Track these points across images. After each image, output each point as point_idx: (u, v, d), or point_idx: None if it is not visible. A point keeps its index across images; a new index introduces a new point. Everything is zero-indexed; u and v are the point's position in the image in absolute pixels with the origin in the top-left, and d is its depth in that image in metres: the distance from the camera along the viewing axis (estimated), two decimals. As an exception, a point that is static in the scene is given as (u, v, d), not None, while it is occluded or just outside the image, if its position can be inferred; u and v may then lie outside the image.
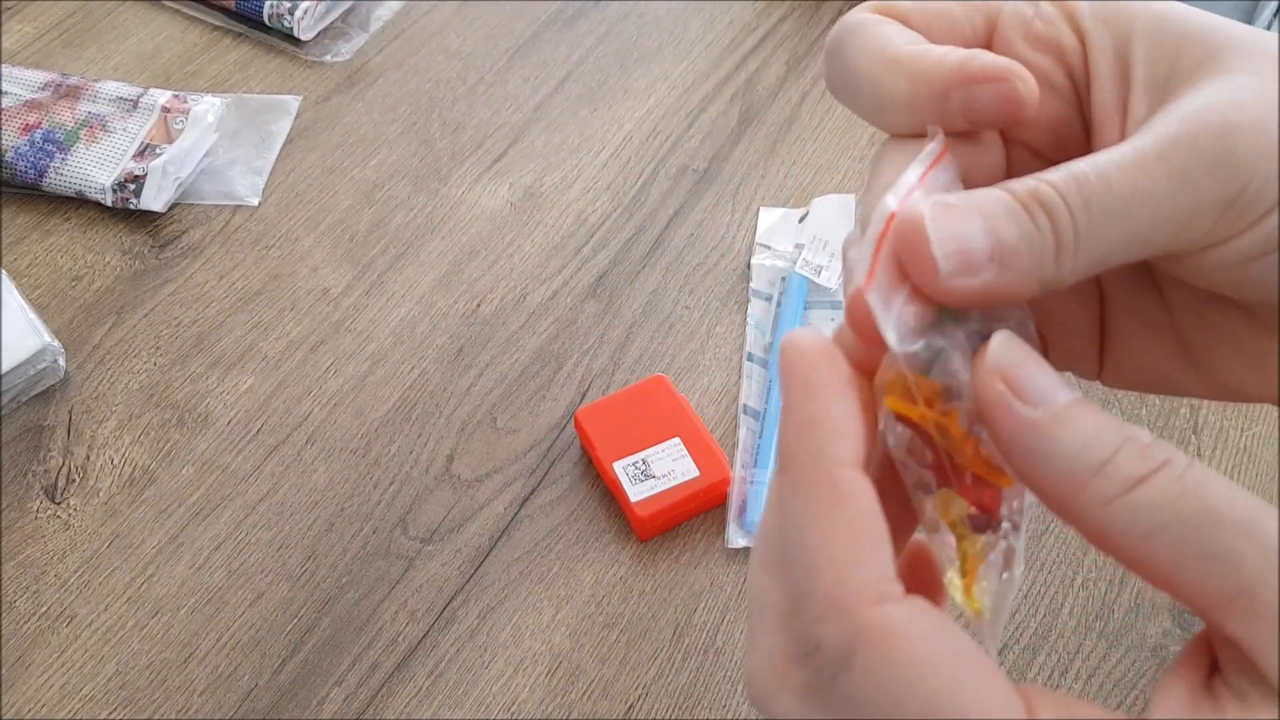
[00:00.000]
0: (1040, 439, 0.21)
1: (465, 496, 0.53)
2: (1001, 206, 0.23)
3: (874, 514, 0.22)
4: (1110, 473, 0.21)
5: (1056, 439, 0.21)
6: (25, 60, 0.71)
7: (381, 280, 0.61)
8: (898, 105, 0.25)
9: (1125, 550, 0.21)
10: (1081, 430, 0.21)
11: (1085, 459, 0.21)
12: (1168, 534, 0.20)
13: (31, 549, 0.51)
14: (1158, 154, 0.23)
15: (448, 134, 0.68)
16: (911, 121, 0.25)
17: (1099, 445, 0.21)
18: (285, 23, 0.71)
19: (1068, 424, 0.21)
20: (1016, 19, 0.26)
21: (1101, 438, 0.21)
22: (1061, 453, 0.21)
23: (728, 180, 0.66)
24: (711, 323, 0.59)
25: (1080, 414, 0.22)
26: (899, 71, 0.25)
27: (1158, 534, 0.20)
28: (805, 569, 0.22)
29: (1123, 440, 0.21)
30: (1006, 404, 0.22)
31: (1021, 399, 0.22)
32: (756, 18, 0.74)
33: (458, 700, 0.47)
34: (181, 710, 0.47)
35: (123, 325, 0.59)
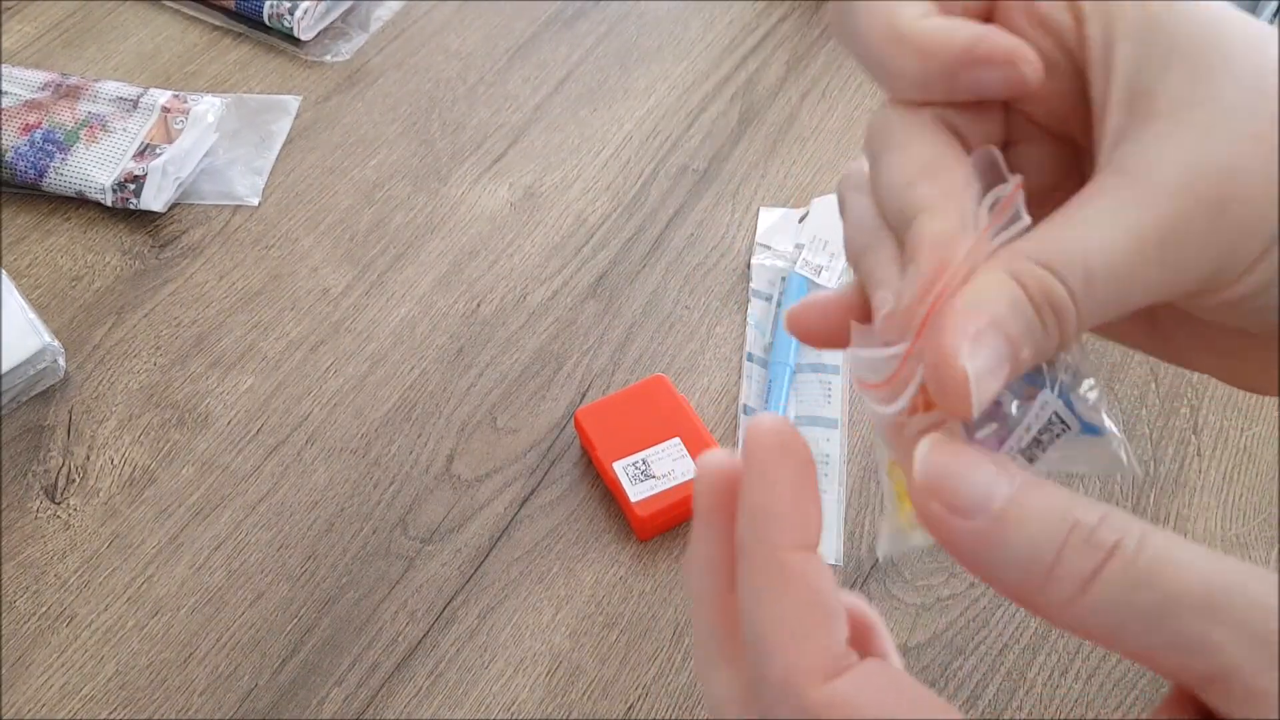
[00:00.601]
0: (986, 549, 0.21)
1: (465, 496, 0.53)
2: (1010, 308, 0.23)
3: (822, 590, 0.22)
4: (1061, 575, 0.21)
5: (1001, 546, 0.21)
6: (25, 60, 0.71)
7: (381, 280, 0.61)
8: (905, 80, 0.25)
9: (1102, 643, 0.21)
10: (1024, 531, 0.21)
11: (1034, 564, 0.21)
12: (1132, 627, 0.20)
13: (31, 549, 0.51)
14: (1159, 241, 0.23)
15: (448, 134, 0.68)
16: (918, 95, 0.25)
17: (1045, 545, 0.21)
18: (285, 23, 0.71)
19: (1009, 527, 0.21)
20: None
21: (1046, 534, 0.21)
22: (1010, 560, 0.21)
23: (728, 180, 0.66)
24: (711, 323, 0.59)
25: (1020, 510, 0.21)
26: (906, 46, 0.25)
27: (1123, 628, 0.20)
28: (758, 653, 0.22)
29: (1068, 530, 0.21)
30: (945, 522, 0.22)
31: (958, 514, 0.22)
32: (756, 18, 0.74)
33: (458, 700, 0.47)
34: (181, 710, 0.47)
35: (123, 325, 0.59)
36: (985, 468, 0.22)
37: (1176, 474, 0.54)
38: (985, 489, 0.22)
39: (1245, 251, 0.23)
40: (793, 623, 0.22)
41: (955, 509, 0.22)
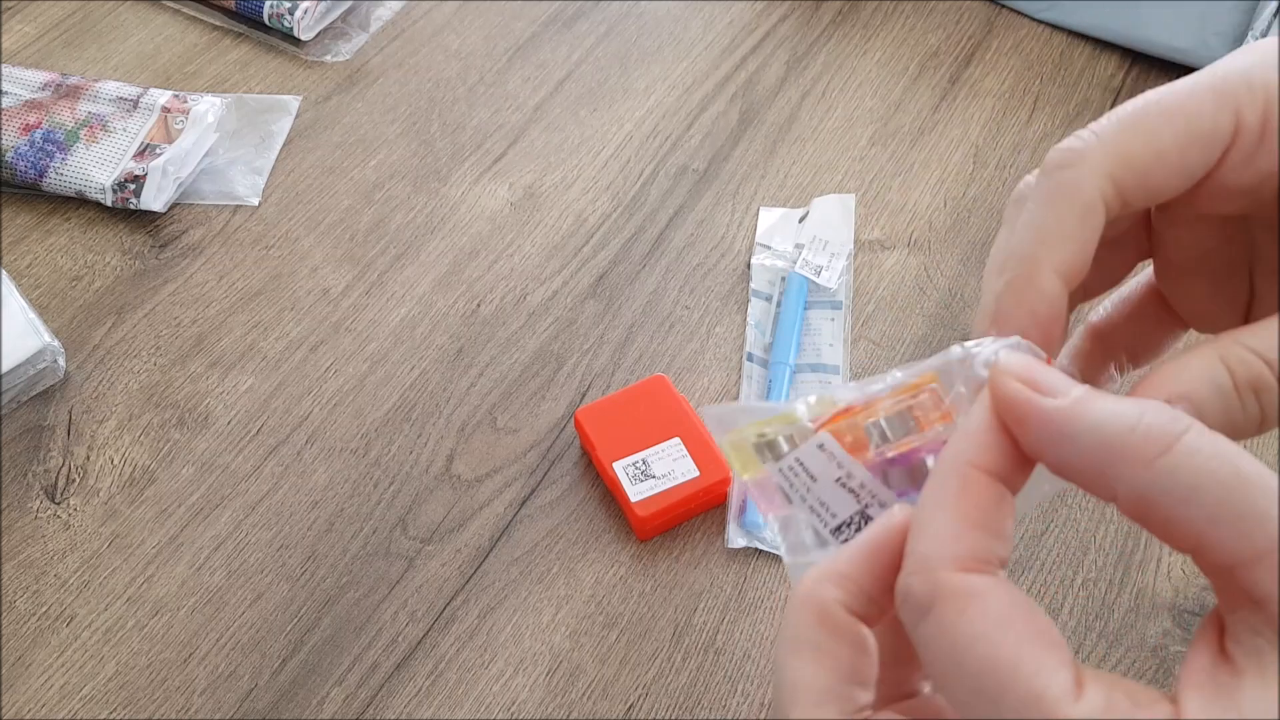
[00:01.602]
0: (1070, 421, 0.23)
1: (465, 496, 0.53)
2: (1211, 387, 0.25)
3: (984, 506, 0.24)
4: (1144, 433, 0.22)
5: (1086, 416, 0.23)
6: (25, 60, 0.71)
7: (381, 280, 0.61)
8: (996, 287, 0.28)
9: (1164, 511, 0.22)
10: (1105, 405, 0.23)
11: (1117, 425, 0.23)
12: (1206, 494, 0.22)
13: (31, 549, 0.51)
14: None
15: (448, 134, 0.68)
16: None
17: (1126, 413, 0.23)
18: (285, 23, 0.71)
19: (1091, 402, 0.23)
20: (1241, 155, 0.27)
21: (1125, 408, 0.23)
22: (1094, 427, 0.23)
23: (728, 180, 0.66)
24: (711, 323, 0.59)
25: (1098, 396, 0.23)
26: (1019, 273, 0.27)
27: (1196, 495, 0.22)
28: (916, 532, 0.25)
29: (1145, 406, 0.23)
30: (1030, 400, 0.24)
31: (1043, 393, 0.24)
32: (756, 18, 0.74)
33: (458, 700, 0.47)
34: (181, 710, 0.47)
35: (123, 325, 0.59)
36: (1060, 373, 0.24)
37: (1176, 474, 0.54)
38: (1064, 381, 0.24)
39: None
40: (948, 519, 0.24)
41: (1040, 389, 0.24)
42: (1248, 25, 0.68)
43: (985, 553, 0.24)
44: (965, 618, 0.23)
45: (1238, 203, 0.28)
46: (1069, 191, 0.26)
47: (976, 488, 0.24)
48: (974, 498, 0.24)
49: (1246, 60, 0.27)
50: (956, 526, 0.24)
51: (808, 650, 0.25)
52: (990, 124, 0.69)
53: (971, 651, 0.23)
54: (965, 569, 0.23)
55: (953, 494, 0.24)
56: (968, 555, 0.24)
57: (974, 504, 0.24)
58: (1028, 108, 0.69)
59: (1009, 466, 0.25)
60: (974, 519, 0.24)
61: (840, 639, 0.25)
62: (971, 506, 0.24)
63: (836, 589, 0.26)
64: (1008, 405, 0.24)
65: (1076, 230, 0.26)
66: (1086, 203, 0.26)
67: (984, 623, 0.23)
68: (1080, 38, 0.73)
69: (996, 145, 0.68)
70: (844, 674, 0.25)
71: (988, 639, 0.23)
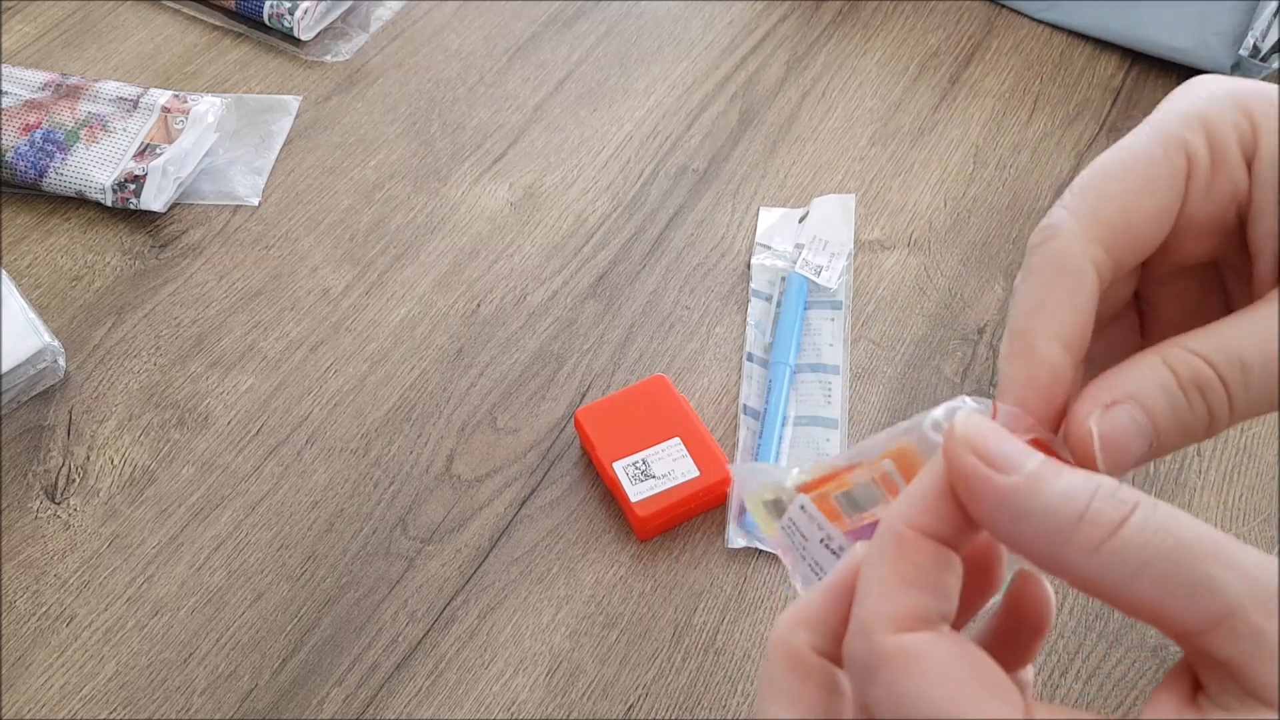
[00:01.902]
0: (1021, 501, 0.23)
1: (465, 496, 0.53)
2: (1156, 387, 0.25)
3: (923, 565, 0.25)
4: (1092, 519, 0.23)
5: (1036, 497, 0.23)
6: (25, 60, 0.71)
7: (381, 280, 0.61)
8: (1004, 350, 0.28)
9: (1115, 591, 0.23)
10: (1056, 486, 0.23)
11: (1066, 511, 0.23)
12: (1152, 570, 0.22)
13: (31, 549, 0.51)
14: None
15: (448, 134, 0.68)
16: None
17: (1075, 497, 0.23)
18: (285, 23, 0.71)
19: (1042, 482, 0.23)
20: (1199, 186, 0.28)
21: (1075, 490, 0.23)
22: (1043, 509, 0.23)
23: (728, 180, 0.66)
24: (711, 323, 0.59)
25: (1051, 472, 0.23)
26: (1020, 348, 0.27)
27: (1143, 572, 0.22)
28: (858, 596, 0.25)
29: (1095, 488, 0.23)
30: (982, 475, 0.24)
31: (995, 468, 0.24)
32: (756, 18, 0.74)
33: (458, 700, 0.47)
34: (181, 710, 0.47)
35: (123, 325, 0.59)
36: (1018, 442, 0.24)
37: (1176, 474, 0.54)
38: (1019, 454, 0.24)
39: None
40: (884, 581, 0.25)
41: (995, 464, 0.24)
42: (1248, 25, 0.68)
43: (923, 611, 0.24)
44: (908, 679, 0.23)
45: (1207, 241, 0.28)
46: (1055, 261, 0.27)
47: (914, 549, 0.25)
48: (911, 558, 0.25)
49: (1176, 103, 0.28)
50: (892, 587, 0.24)
51: (781, 695, 0.26)
52: (990, 124, 0.69)
53: (917, 711, 0.23)
54: (902, 629, 0.24)
55: (889, 556, 0.25)
56: (904, 615, 0.24)
57: (910, 564, 0.25)
58: (1028, 108, 0.69)
59: (951, 529, 0.25)
60: (910, 578, 0.24)
61: (811, 682, 0.26)
62: (908, 567, 0.25)
63: (806, 632, 0.26)
64: (960, 478, 0.24)
65: (1069, 297, 0.27)
66: (1075, 269, 0.27)
67: (925, 682, 0.23)
68: (1080, 38, 0.73)
69: (996, 145, 0.68)
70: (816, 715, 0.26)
71: (931, 697, 0.23)
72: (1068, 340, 0.27)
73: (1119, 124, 0.69)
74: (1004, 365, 0.27)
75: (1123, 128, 0.68)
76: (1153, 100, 0.70)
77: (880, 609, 0.24)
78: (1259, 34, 0.68)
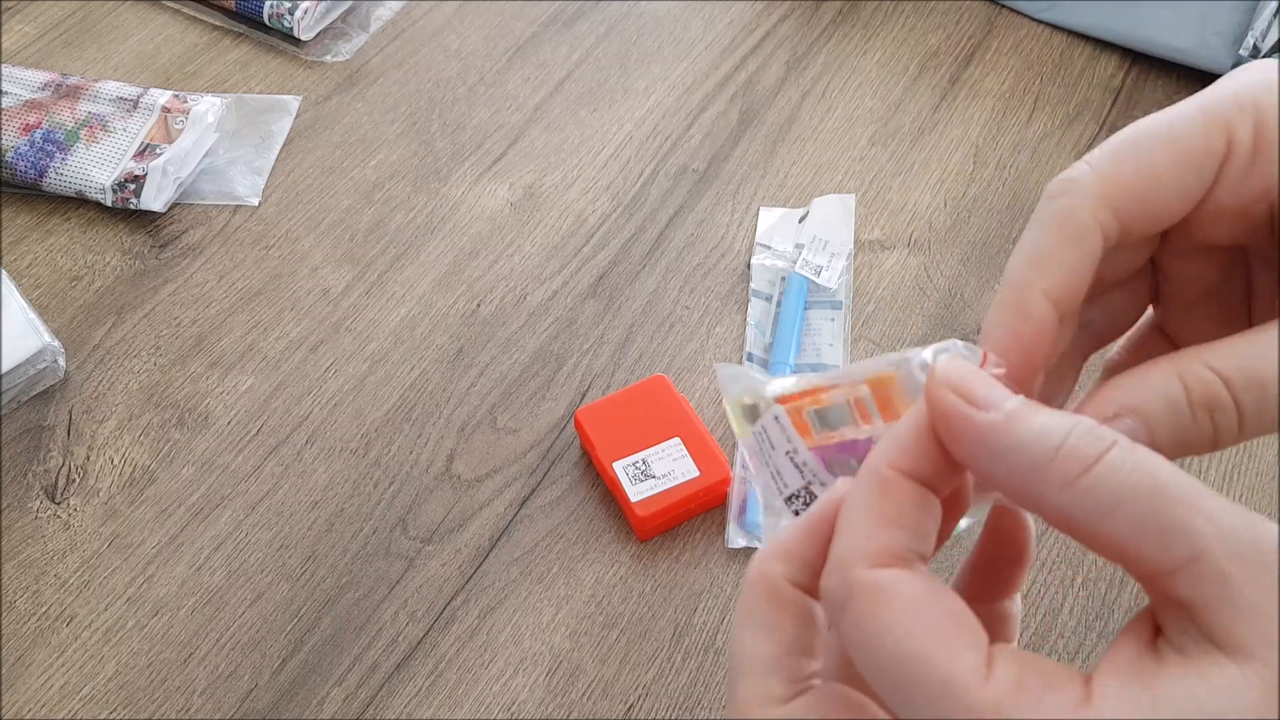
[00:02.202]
0: (999, 437, 0.24)
1: (465, 496, 0.53)
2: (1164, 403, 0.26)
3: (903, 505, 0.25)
4: (1067, 454, 0.23)
5: (1013, 433, 0.24)
6: (25, 60, 0.71)
7: (381, 280, 0.61)
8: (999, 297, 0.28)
9: (1088, 528, 0.23)
10: (1034, 422, 0.24)
11: (1042, 445, 0.23)
12: (1127, 509, 0.22)
13: (31, 549, 0.51)
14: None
15: (448, 134, 0.68)
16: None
17: (1053, 432, 0.23)
18: (285, 23, 0.71)
19: (1021, 419, 0.24)
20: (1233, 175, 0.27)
21: (1053, 426, 0.23)
22: (1020, 445, 0.23)
23: (728, 180, 0.66)
24: (711, 323, 0.59)
25: (1029, 410, 0.24)
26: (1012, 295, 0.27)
27: (1118, 510, 0.22)
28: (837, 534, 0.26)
29: (1073, 425, 0.23)
30: (962, 412, 0.24)
31: (975, 406, 0.24)
32: (756, 18, 0.74)
33: (458, 700, 0.47)
34: (181, 710, 0.47)
35: (123, 325, 0.59)
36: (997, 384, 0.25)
37: (1176, 474, 0.54)
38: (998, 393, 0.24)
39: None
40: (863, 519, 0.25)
41: (975, 402, 0.24)
42: (1248, 25, 0.68)
43: (899, 549, 0.25)
44: (875, 612, 0.24)
45: (1234, 227, 0.28)
46: (1064, 217, 0.27)
47: (895, 489, 0.25)
48: (891, 499, 0.25)
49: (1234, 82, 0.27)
50: (871, 526, 0.25)
51: (756, 624, 0.26)
52: (990, 124, 0.69)
53: (883, 644, 0.23)
54: (876, 564, 0.24)
55: (870, 496, 0.25)
56: (879, 551, 0.24)
57: (891, 505, 0.25)
58: (1028, 108, 0.69)
59: (933, 470, 0.25)
60: (889, 518, 0.25)
61: (786, 612, 0.26)
62: (889, 506, 0.25)
63: (783, 564, 0.27)
64: (941, 416, 0.25)
65: (1070, 255, 0.27)
66: (1081, 228, 0.27)
67: (892, 616, 0.23)
68: (1080, 38, 0.73)
69: (996, 145, 0.68)
70: (789, 645, 0.26)
71: (896, 631, 0.23)
72: (1059, 298, 0.27)
73: (1119, 124, 0.69)
74: (993, 312, 0.27)
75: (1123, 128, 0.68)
76: (1153, 100, 0.70)
77: (857, 545, 0.25)
78: (1259, 34, 0.68)
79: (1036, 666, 0.23)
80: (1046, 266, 0.27)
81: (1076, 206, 0.27)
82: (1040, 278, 0.27)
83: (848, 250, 0.61)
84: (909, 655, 0.23)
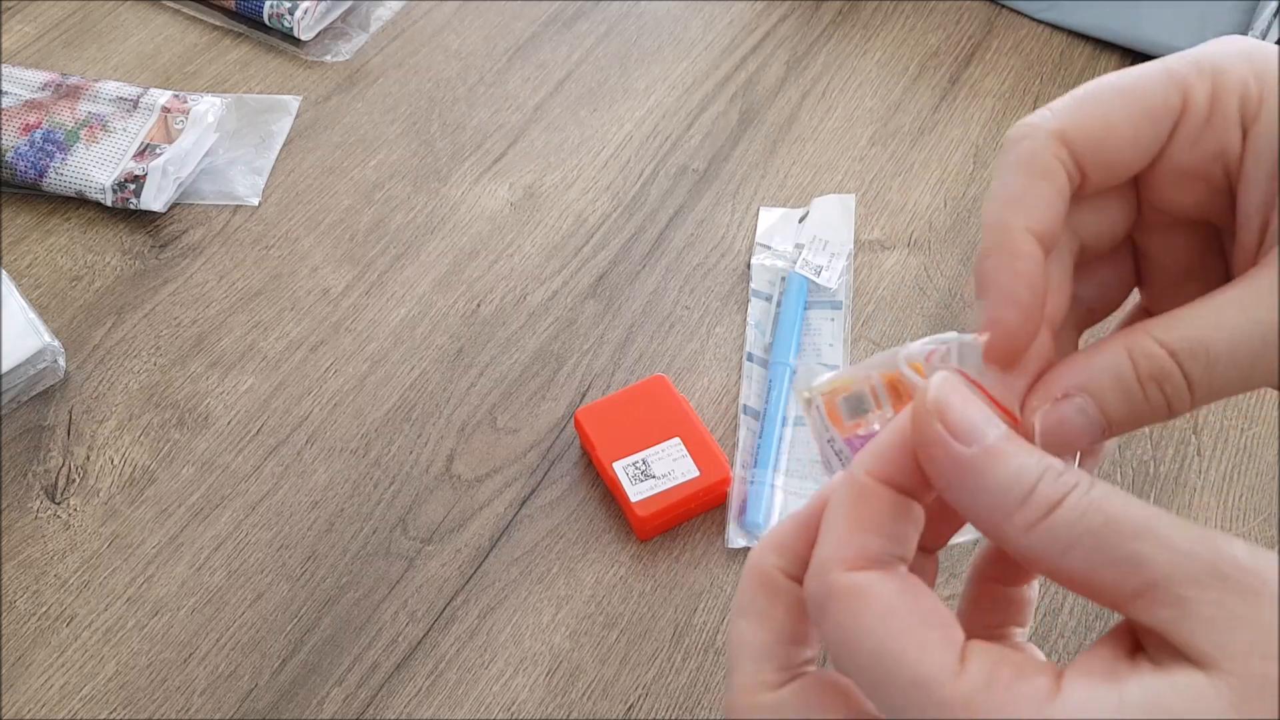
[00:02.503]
0: (973, 475, 0.24)
1: (465, 496, 0.53)
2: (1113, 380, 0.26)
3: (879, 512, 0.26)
4: (1033, 500, 0.24)
5: (987, 474, 0.24)
6: (25, 60, 0.71)
7: (381, 280, 0.61)
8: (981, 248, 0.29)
9: (1047, 565, 0.24)
10: (1008, 466, 0.24)
11: (1012, 492, 0.24)
12: (1080, 547, 0.23)
13: (31, 549, 0.51)
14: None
15: (448, 134, 0.68)
16: None
17: (1023, 478, 0.24)
18: (285, 23, 0.71)
19: (997, 460, 0.24)
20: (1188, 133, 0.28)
21: (1025, 471, 0.24)
22: (991, 487, 0.24)
23: (728, 180, 0.66)
24: (711, 323, 0.59)
25: (1007, 449, 0.24)
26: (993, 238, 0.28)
27: (1073, 549, 0.23)
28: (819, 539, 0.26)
29: (1043, 470, 0.24)
30: (944, 443, 0.25)
31: (956, 438, 0.25)
32: (756, 18, 0.74)
33: (458, 700, 0.47)
34: (181, 710, 0.47)
35: (123, 325, 0.59)
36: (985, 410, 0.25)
37: (1176, 474, 0.54)
38: (982, 425, 0.25)
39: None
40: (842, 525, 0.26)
41: (957, 434, 0.25)
42: (1248, 25, 0.68)
43: (877, 552, 0.25)
44: (852, 613, 0.24)
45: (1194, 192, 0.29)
46: (1029, 159, 0.28)
47: (874, 497, 0.26)
48: (870, 506, 0.26)
49: (1201, 48, 0.28)
50: (849, 531, 0.26)
51: (752, 613, 0.27)
52: (990, 124, 0.69)
53: (861, 645, 0.24)
54: (854, 568, 0.25)
55: (849, 502, 0.26)
56: (857, 555, 0.25)
57: (869, 511, 0.26)
58: (1028, 108, 0.69)
59: (911, 481, 0.26)
60: (866, 524, 0.26)
61: (779, 603, 0.27)
62: (866, 513, 0.26)
63: (778, 557, 0.28)
64: (922, 441, 0.25)
65: (1042, 192, 0.27)
66: (1047, 167, 0.28)
67: (869, 616, 0.24)
68: (1080, 38, 0.73)
69: (996, 145, 0.68)
70: (783, 634, 0.27)
71: (873, 631, 0.24)
72: (1041, 235, 0.27)
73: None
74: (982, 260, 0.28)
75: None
76: (1153, 100, 0.70)
77: (836, 550, 0.25)
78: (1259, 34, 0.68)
79: (1009, 661, 0.24)
80: (1023, 205, 0.27)
81: (1039, 148, 0.28)
82: (1019, 216, 0.27)
83: (848, 250, 0.61)
84: (884, 654, 0.24)
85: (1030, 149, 0.28)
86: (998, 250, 0.27)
